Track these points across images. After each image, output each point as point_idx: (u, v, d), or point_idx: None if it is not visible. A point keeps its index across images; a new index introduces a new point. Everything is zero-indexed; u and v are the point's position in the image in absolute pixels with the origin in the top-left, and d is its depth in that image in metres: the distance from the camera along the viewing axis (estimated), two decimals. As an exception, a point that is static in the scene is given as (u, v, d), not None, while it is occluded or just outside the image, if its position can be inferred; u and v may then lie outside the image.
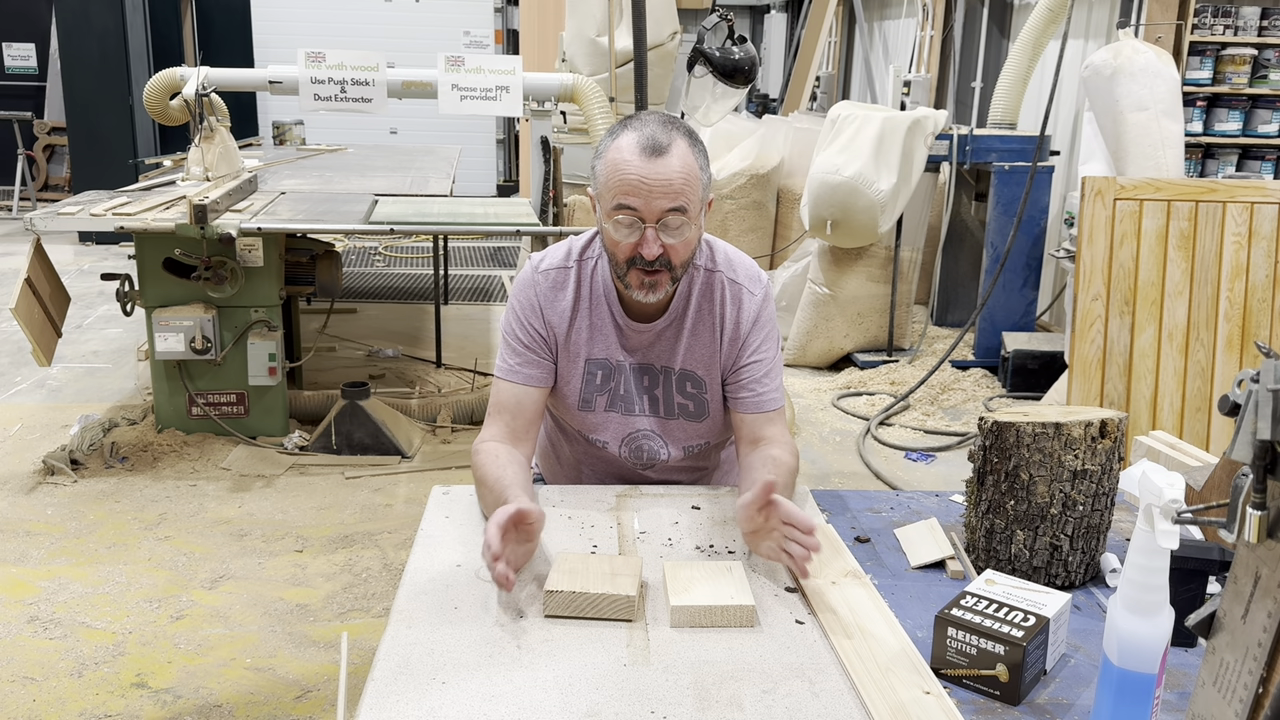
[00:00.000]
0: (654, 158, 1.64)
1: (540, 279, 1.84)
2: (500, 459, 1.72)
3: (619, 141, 1.68)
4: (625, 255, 1.69)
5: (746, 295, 1.83)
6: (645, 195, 1.64)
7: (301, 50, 4.65)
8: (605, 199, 1.69)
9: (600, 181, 1.70)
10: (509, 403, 1.81)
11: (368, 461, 4.25)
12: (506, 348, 1.84)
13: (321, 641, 2.95)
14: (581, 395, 1.86)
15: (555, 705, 1.21)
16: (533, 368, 1.82)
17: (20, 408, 4.83)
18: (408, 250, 8.66)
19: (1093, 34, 6.22)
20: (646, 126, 1.67)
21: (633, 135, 1.66)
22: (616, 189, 1.65)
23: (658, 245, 1.66)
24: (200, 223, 3.94)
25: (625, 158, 1.65)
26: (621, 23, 5.85)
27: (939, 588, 1.55)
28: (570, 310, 1.82)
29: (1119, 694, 1.11)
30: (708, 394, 1.86)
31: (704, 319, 1.83)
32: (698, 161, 1.69)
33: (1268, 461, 0.88)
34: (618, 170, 1.65)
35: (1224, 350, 3.66)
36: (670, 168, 1.64)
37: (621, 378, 1.85)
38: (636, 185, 1.64)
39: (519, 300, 1.84)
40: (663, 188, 1.63)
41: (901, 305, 5.88)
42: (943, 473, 4.43)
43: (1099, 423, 1.51)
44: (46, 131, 10.37)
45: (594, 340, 1.83)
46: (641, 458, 1.89)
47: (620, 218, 1.66)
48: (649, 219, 1.65)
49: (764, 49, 12.88)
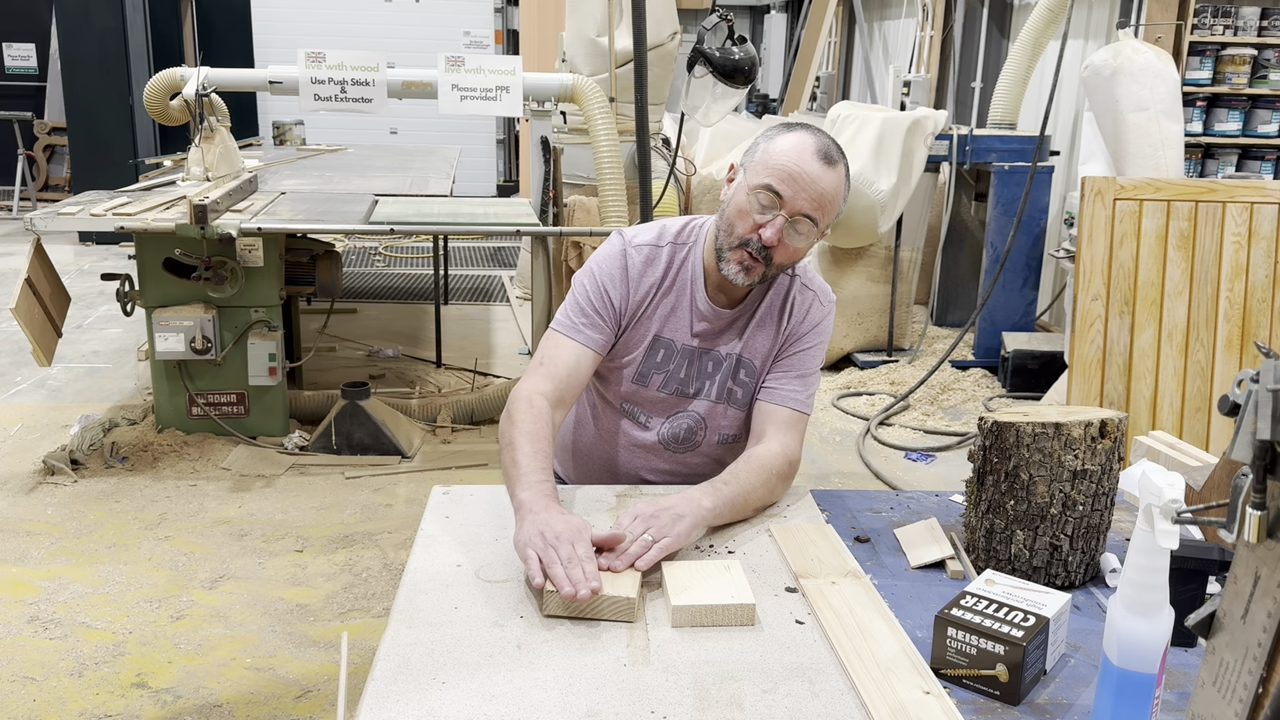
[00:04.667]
0: (821, 163, 1.73)
1: (634, 253, 1.89)
2: (544, 428, 1.72)
3: (796, 134, 1.76)
4: (745, 231, 1.76)
5: (816, 304, 1.93)
6: (796, 188, 1.72)
7: (301, 50, 4.65)
8: (756, 174, 1.75)
9: (758, 159, 1.76)
10: (568, 360, 1.84)
11: (368, 461, 4.25)
12: (576, 308, 1.87)
13: (321, 641, 2.95)
14: (639, 369, 1.90)
15: (555, 705, 1.21)
16: (598, 332, 1.86)
17: (20, 408, 4.83)
18: (408, 250, 8.66)
19: (1093, 34, 6.22)
20: (824, 138, 1.77)
21: (811, 138, 1.76)
22: (775, 171, 1.73)
23: (777, 235, 1.74)
24: (200, 223, 3.94)
25: (799, 149, 1.73)
26: (621, 23, 5.85)
27: (939, 588, 1.55)
28: (656, 287, 1.89)
29: (1119, 694, 1.11)
30: (756, 385, 1.92)
31: (774, 316, 1.91)
32: (844, 192, 1.79)
33: (1268, 461, 0.88)
34: (785, 156, 1.73)
35: (1224, 350, 3.66)
36: (829, 179, 1.74)
37: (685, 361, 1.91)
38: (795, 176, 1.72)
39: (602, 267, 1.89)
40: (815, 192, 1.73)
41: (901, 305, 5.88)
42: (943, 473, 4.43)
43: (1099, 423, 1.51)
44: (47, 131, 10.37)
45: (669, 321, 1.90)
46: (679, 436, 1.94)
47: (763, 195, 1.74)
48: (787, 210, 1.73)
49: (764, 49, 12.89)
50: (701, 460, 1.97)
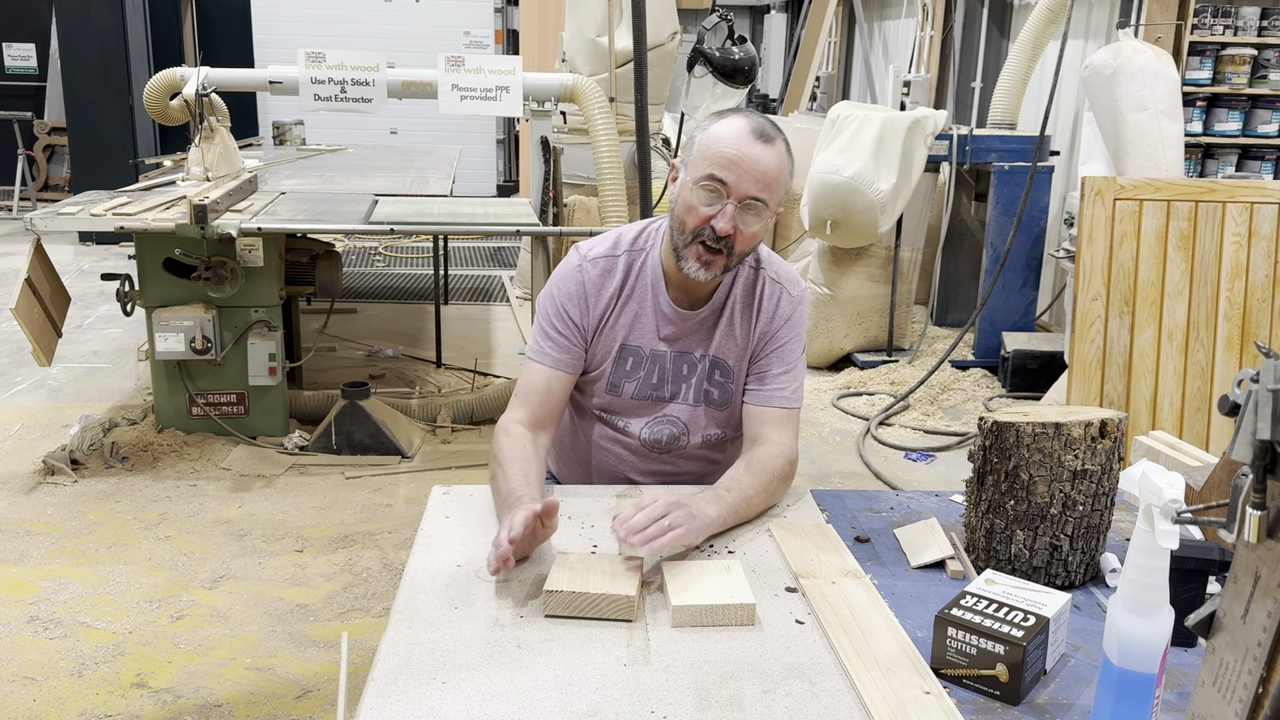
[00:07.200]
0: (760, 143, 1.71)
1: (589, 267, 1.88)
2: (524, 450, 1.76)
3: (729, 120, 1.74)
4: (696, 224, 1.74)
5: (785, 295, 1.90)
6: (739, 173, 1.70)
7: (301, 50, 4.65)
8: (697, 167, 1.73)
9: (696, 152, 1.75)
10: (539, 385, 1.86)
11: (368, 461, 4.25)
12: (541, 332, 1.88)
13: (321, 641, 2.95)
14: (610, 379, 1.90)
15: (555, 705, 1.21)
16: (564, 353, 1.86)
17: (20, 408, 4.83)
18: (408, 250, 8.66)
19: (1093, 34, 6.22)
20: (757, 118, 1.75)
21: (744, 120, 1.73)
22: (714, 159, 1.71)
23: (731, 223, 1.71)
24: (200, 223, 3.94)
25: (733, 133, 1.71)
26: (621, 23, 5.85)
27: (939, 588, 1.55)
28: (615, 297, 1.87)
29: (1119, 694, 1.11)
30: (733, 384, 1.90)
31: (743, 312, 1.89)
32: (789, 167, 1.76)
33: (1268, 461, 0.88)
34: (720, 143, 1.71)
35: (1224, 350, 3.66)
36: (770, 157, 1.71)
37: (656, 367, 1.89)
38: (735, 160, 1.70)
39: (559, 287, 1.88)
40: (757, 173, 1.70)
41: (901, 305, 5.88)
42: (943, 473, 4.43)
43: (1099, 423, 1.51)
44: (46, 131, 10.37)
45: (633, 328, 1.88)
46: (661, 441, 1.92)
47: (708, 186, 1.72)
48: (734, 197, 1.71)
49: (764, 49, 12.89)
50: (689, 461, 1.96)
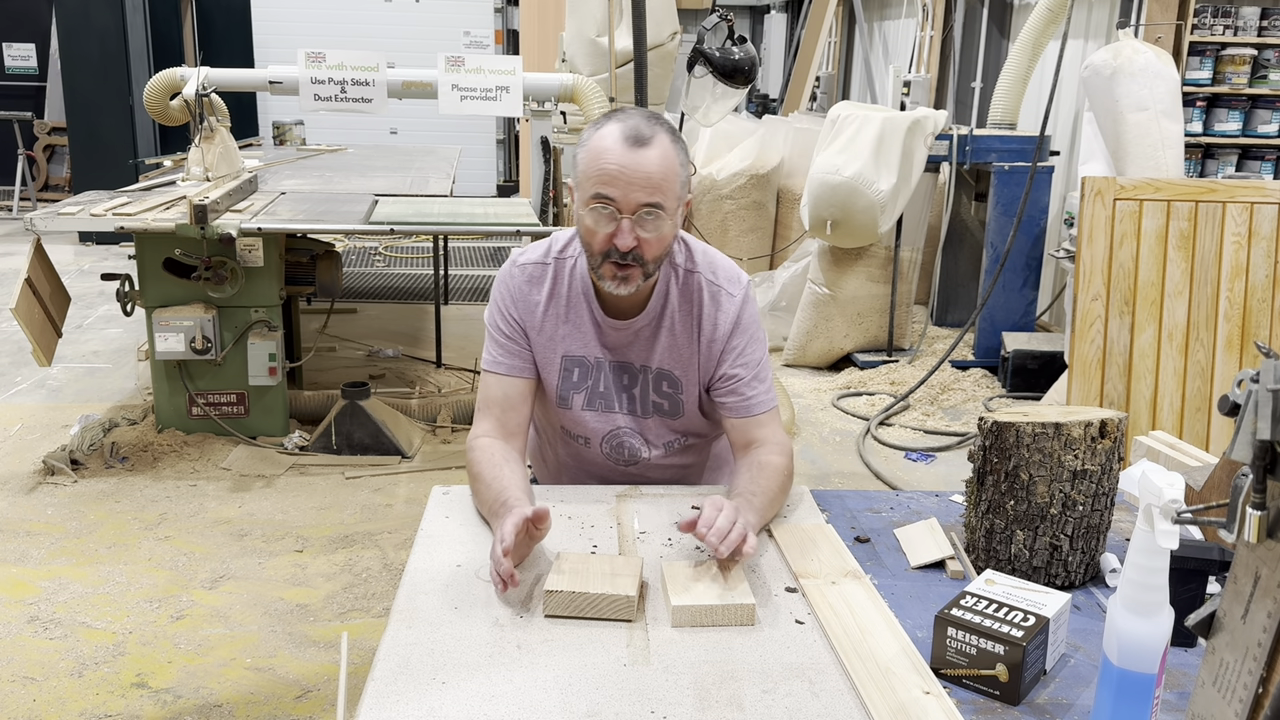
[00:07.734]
0: (635, 149, 1.63)
1: (518, 273, 1.85)
2: (495, 457, 1.74)
3: (602, 131, 1.68)
4: (600, 246, 1.69)
5: (725, 296, 1.82)
6: (624, 186, 1.63)
7: (301, 50, 4.65)
8: (584, 188, 1.68)
9: (580, 170, 1.70)
10: (497, 396, 1.83)
11: (368, 461, 4.25)
12: (491, 340, 1.86)
13: (321, 641, 2.95)
14: (559, 392, 1.86)
15: (555, 705, 1.21)
16: (515, 358, 1.83)
17: (20, 408, 4.83)
18: (408, 250, 8.66)
19: (1093, 34, 6.21)
20: (630, 119, 1.67)
21: (616, 126, 1.66)
22: (596, 178, 1.65)
23: (632, 237, 1.65)
24: (200, 223, 3.94)
25: (607, 146, 1.65)
26: (621, 23, 5.85)
27: (939, 588, 1.55)
28: (544, 306, 1.83)
29: (1119, 694, 1.11)
30: (683, 394, 1.86)
31: (683, 319, 1.82)
32: (678, 159, 1.69)
33: (1268, 461, 0.88)
34: (598, 159, 1.65)
35: (1224, 350, 3.66)
36: (650, 161, 1.64)
37: (600, 375, 1.85)
38: (616, 175, 1.63)
39: (499, 293, 1.86)
40: (642, 180, 1.63)
41: (901, 305, 5.88)
42: (943, 473, 4.43)
43: (1099, 423, 1.51)
44: (46, 131, 10.37)
45: (570, 337, 1.84)
46: (623, 454, 1.89)
47: (597, 207, 1.66)
48: (625, 210, 1.65)
49: (764, 49, 12.88)
50: (660, 469, 1.92)
